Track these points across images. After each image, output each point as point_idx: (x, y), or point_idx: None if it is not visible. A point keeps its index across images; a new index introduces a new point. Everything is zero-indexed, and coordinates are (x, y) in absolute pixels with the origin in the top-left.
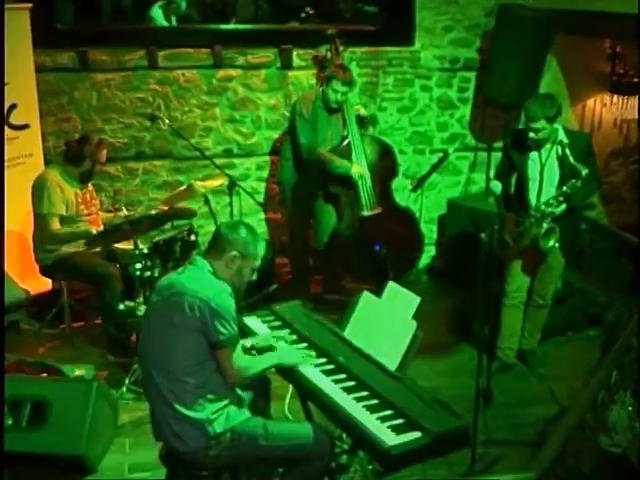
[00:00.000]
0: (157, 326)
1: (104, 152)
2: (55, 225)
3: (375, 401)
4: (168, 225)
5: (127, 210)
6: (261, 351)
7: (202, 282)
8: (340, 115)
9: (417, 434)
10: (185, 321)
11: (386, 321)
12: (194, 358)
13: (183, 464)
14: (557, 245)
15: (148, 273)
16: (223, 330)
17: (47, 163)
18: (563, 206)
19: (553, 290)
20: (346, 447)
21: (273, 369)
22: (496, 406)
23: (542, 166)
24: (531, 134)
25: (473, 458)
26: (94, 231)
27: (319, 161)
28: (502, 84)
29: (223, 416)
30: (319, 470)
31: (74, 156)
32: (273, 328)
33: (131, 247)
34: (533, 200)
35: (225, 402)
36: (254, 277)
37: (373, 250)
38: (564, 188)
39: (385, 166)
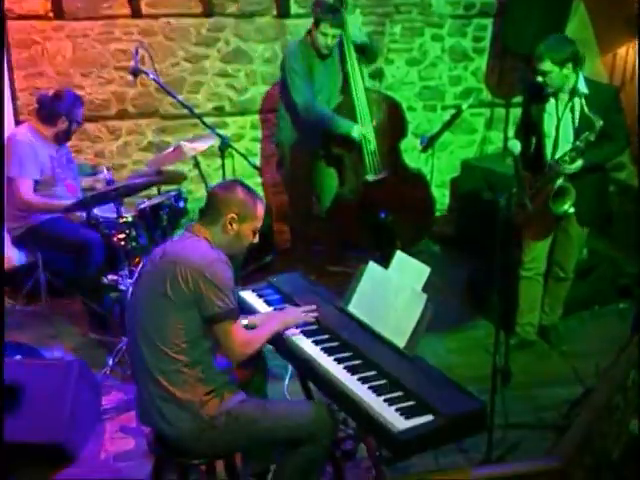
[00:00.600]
0: (147, 298)
1: (82, 110)
2: (27, 191)
3: (382, 381)
4: (154, 190)
5: (108, 172)
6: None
7: (196, 250)
8: (337, 59)
9: (428, 417)
10: (177, 293)
11: (394, 294)
12: (187, 334)
13: (173, 451)
14: (572, 210)
15: (133, 243)
16: (220, 302)
17: (18, 123)
18: (578, 163)
19: (574, 262)
20: (351, 432)
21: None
22: (515, 386)
23: (558, 120)
24: (539, 78)
25: (490, 444)
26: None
27: (319, 119)
28: (522, 32)
29: (217, 398)
30: (322, 452)
31: (48, 115)
32: (270, 302)
33: (114, 215)
34: (549, 158)
35: (219, 383)
36: (256, 240)
37: (379, 217)
38: (577, 142)
39: (392, 125)
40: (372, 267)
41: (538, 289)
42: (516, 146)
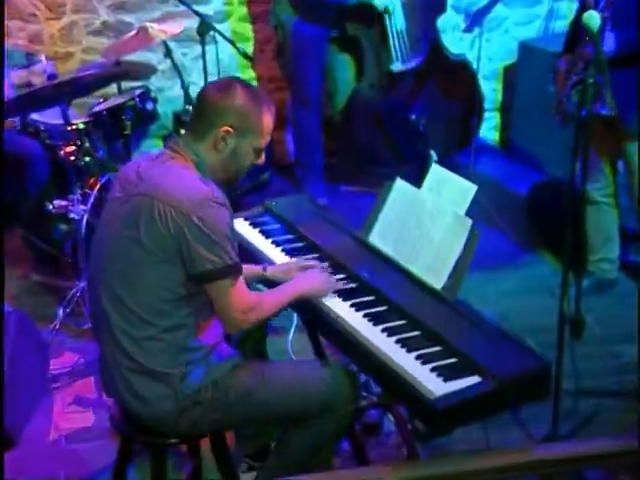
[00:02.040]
0: (115, 241)
1: None
2: None
3: (414, 334)
4: (113, 88)
5: (48, 63)
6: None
7: (180, 183)
8: None
9: (475, 379)
10: (155, 241)
11: (429, 220)
12: (168, 293)
13: (146, 430)
14: None
15: (86, 158)
16: (213, 257)
17: None
18: None
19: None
20: (374, 400)
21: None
22: (590, 340)
23: None
24: None
25: (556, 415)
26: None
27: None
28: None
29: (201, 367)
30: (338, 427)
31: None
32: (268, 234)
33: (60, 121)
34: None
35: (205, 350)
36: (260, 160)
37: (408, 120)
38: None
39: None
40: (400, 186)
41: (613, 215)
42: (594, 19)
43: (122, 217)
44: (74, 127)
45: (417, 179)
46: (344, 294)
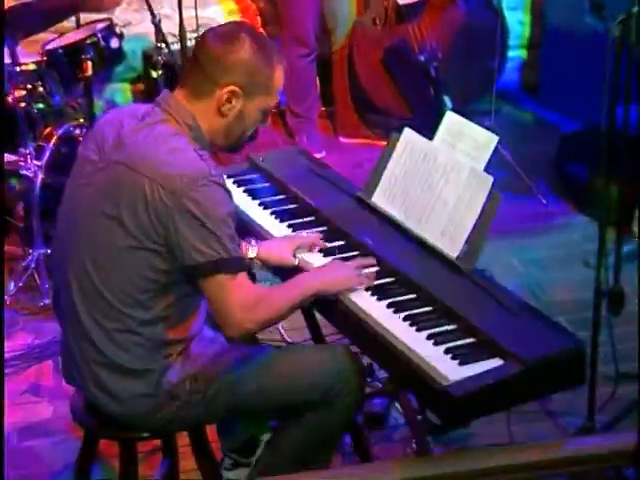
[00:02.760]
0: (88, 215)
1: None
2: None
3: (425, 309)
4: (71, 22)
5: None
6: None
7: (172, 154)
8: None
9: (496, 362)
10: (138, 223)
11: (442, 178)
12: (148, 283)
13: (113, 424)
14: None
15: (40, 105)
16: (205, 248)
17: None
18: None
19: None
20: (379, 386)
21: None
22: (630, 317)
23: None
24: None
25: (592, 404)
26: None
27: None
28: None
29: (180, 360)
30: (339, 418)
31: None
32: (255, 194)
33: (7, 60)
34: None
35: (187, 341)
36: (267, 122)
37: (418, 61)
38: None
39: None
40: (408, 137)
41: None
42: None
43: (99, 188)
44: (24, 68)
45: (428, 130)
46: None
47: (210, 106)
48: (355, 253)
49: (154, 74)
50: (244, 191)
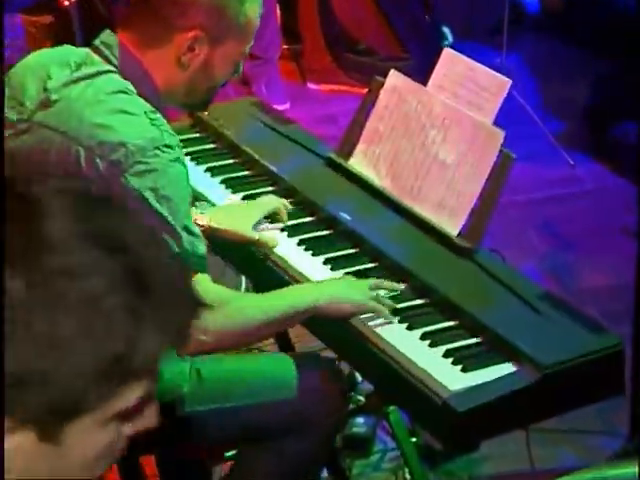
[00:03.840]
0: None
1: None
2: None
3: (417, 302)
4: None
5: None
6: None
7: (114, 115)
8: None
9: (508, 368)
10: None
11: (439, 134)
12: None
13: None
14: None
15: None
16: None
17: None
18: None
19: None
20: (361, 401)
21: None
22: None
23: None
24: None
25: (635, 422)
26: None
27: None
28: None
29: None
30: (315, 450)
31: None
32: (198, 156)
33: None
34: None
35: None
36: (239, 74)
37: None
38: None
39: None
40: (396, 82)
41: None
42: None
43: (20, 157)
44: None
45: (422, 75)
46: (315, 247)
47: (166, 56)
48: (327, 232)
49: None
50: (186, 154)
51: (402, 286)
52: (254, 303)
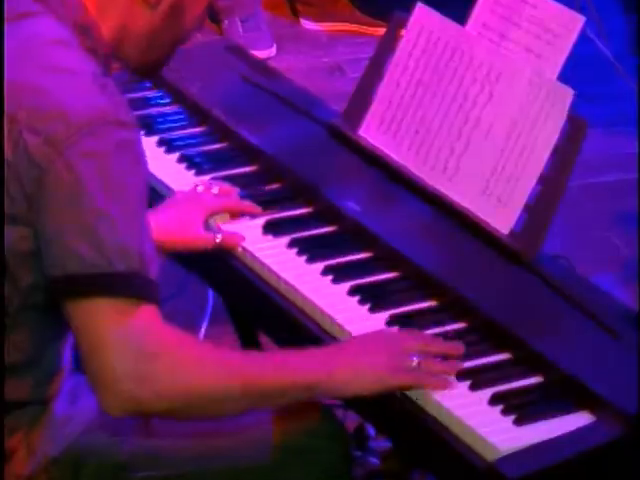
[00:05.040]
0: None
1: None
2: None
3: (452, 327)
4: None
5: None
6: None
7: (53, 77)
8: None
9: (583, 418)
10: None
11: (484, 89)
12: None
13: None
14: None
15: None
16: (86, 247)
17: None
18: None
19: None
20: (376, 466)
21: None
22: None
23: None
24: None
25: None
26: None
27: None
28: None
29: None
30: None
31: None
32: (150, 121)
33: None
34: None
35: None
36: (201, 25)
37: None
38: None
39: None
40: (423, 20)
41: None
42: None
43: None
44: None
45: (459, 12)
46: (303, 246)
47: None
48: (328, 229)
49: None
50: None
51: (461, 351)
52: (233, 362)
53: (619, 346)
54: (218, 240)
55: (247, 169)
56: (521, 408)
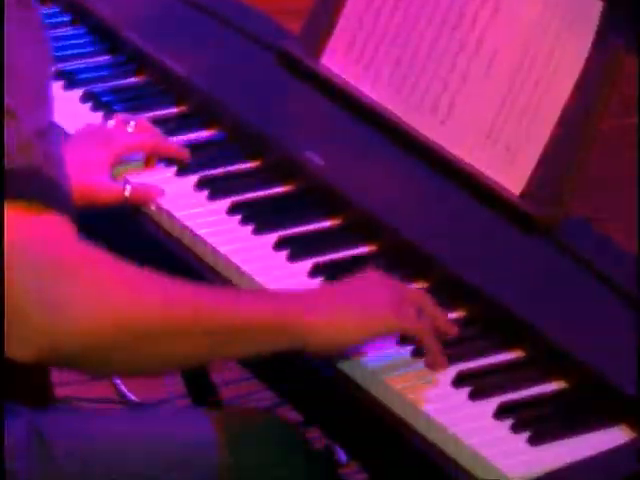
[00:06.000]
0: None
1: None
2: None
3: (451, 316)
4: None
5: None
6: None
7: None
8: None
9: (619, 435)
10: None
11: (482, 4)
12: None
13: None
14: None
15: None
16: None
17: None
18: None
19: None
20: None
21: None
22: None
23: None
24: None
25: None
26: None
27: None
28: None
29: None
30: None
31: None
32: (76, 81)
33: None
34: None
35: None
36: None
37: None
38: None
39: None
40: None
41: None
42: None
43: None
44: None
45: None
46: (253, 216)
47: None
48: (282, 189)
49: None
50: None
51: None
52: (177, 287)
53: None
54: (127, 193)
55: (172, 110)
56: (537, 423)
